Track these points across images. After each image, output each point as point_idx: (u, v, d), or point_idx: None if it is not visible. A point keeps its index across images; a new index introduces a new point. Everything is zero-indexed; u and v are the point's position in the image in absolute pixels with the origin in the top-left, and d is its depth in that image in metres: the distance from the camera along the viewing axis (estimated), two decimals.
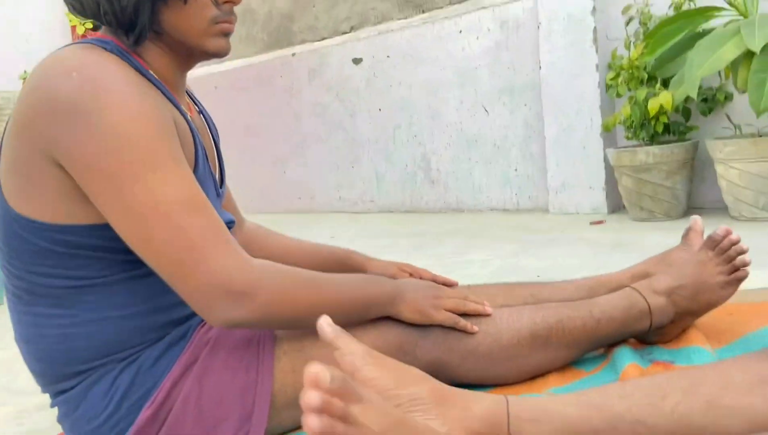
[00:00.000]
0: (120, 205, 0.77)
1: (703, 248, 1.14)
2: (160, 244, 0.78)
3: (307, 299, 0.86)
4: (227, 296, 0.79)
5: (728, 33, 2.00)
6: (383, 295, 0.95)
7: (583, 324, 1.06)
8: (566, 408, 0.74)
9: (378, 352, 0.75)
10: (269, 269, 0.84)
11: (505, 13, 2.99)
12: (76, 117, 0.76)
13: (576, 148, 2.75)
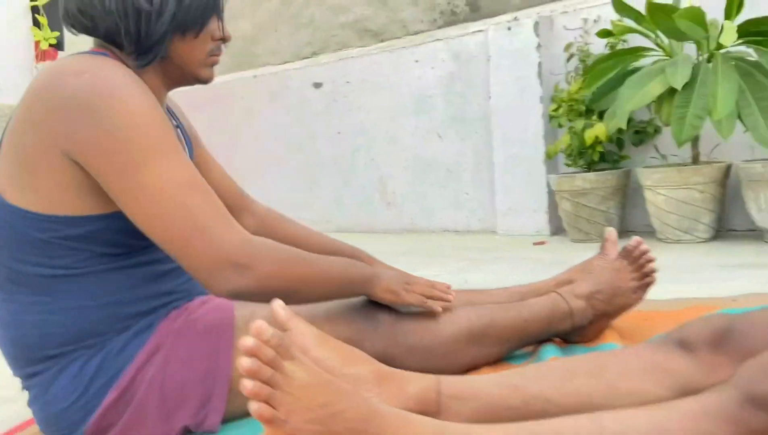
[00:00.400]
0: (132, 188, 0.86)
1: (619, 257, 1.29)
2: (169, 222, 0.87)
3: (299, 273, 0.95)
4: (230, 267, 0.88)
5: (654, 71, 2.21)
6: (363, 277, 1.06)
7: (513, 323, 1.18)
8: (488, 387, 0.86)
9: (326, 334, 0.85)
10: (268, 244, 0.93)
11: (458, 45, 3.18)
12: (90, 112, 0.85)
13: (522, 174, 2.93)
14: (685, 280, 1.82)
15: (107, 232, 0.93)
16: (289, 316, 0.81)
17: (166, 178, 0.87)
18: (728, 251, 2.16)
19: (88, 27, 0.98)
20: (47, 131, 0.88)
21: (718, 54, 2.11)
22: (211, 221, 0.89)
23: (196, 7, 0.97)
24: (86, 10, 0.96)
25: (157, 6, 0.95)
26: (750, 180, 2.20)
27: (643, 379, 0.84)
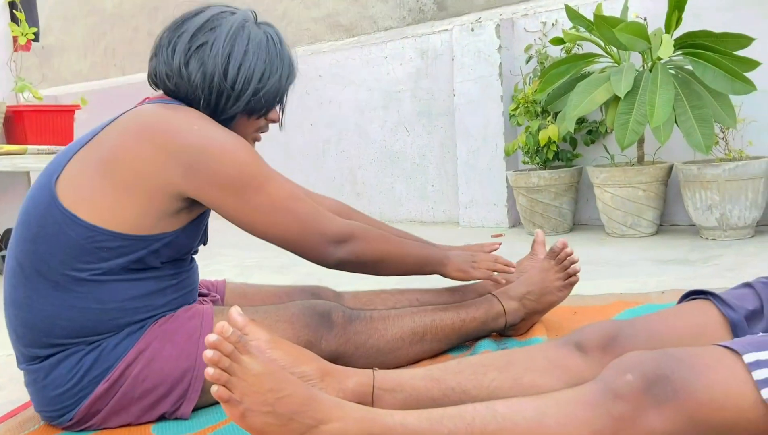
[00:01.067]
0: (251, 208, 1.10)
1: (546, 257, 1.45)
2: (283, 226, 1.13)
3: (385, 249, 1.22)
4: (333, 244, 1.16)
5: (601, 78, 2.37)
6: (436, 257, 1.32)
7: (452, 323, 1.34)
8: (414, 381, 1.01)
9: (279, 338, 1.00)
10: (359, 226, 1.21)
11: (425, 43, 3.30)
12: (208, 157, 1.07)
13: (483, 169, 3.08)
14: (622, 274, 2.01)
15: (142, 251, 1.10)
16: (246, 322, 0.96)
17: (275, 195, 1.12)
18: (666, 246, 2.35)
19: (171, 90, 1.16)
20: (161, 171, 1.06)
21: (659, 64, 2.28)
22: (313, 217, 1.14)
23: (267, 98, 1.17)
24: (172, 77, 1.15)
25: (237, 91, 1.14)
26: (687, 180, 2.39)
27: (544, 375, 1.00)
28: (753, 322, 1.00)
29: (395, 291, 1.49)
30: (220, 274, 2.50)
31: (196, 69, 1.12)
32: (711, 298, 1.04)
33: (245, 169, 1.09)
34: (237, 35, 1.13)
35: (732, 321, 1.00)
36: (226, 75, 1.12)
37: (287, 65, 1.19)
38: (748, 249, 2.19)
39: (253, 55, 1.14)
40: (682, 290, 1.71)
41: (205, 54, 1.12)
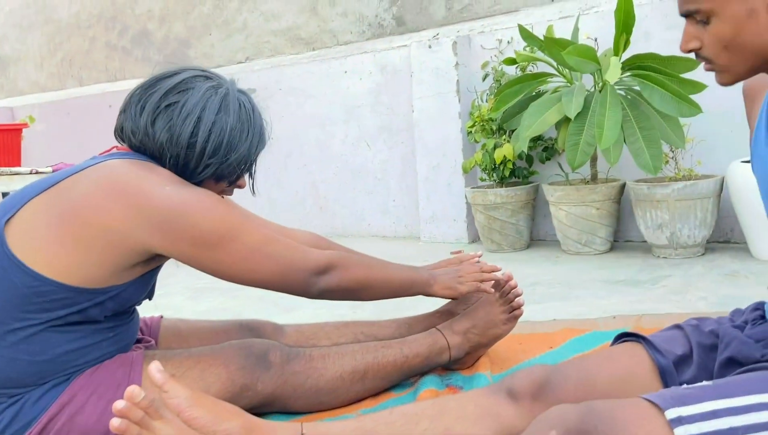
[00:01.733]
0: (228, 259, 1.10)
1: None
2: (266, 270, 1.12)
3: (367, 275, 1.22)
4: (315, 275, 1.16)
5: (553, 99, 2.39)
6: (420, 279, 1.32)
7: (395, 360, 1.33)
8: (346, 433, 1.00)
9: (201, 394, 0.98)
10: (337, 253, 1.20)
11: (384, 58, 3.30)
12: (180, 217, 1.05)
13: (443, 184, 3.09)
14: (572, 296, 2.03)
15: (87, 303, 1.07)
16: (165, 378, 0.93)
17: (250, 243, 1.11)
18: (618, 265, 2.39)
19: (136, 146, 1.13)
20: (131, 230, 1.04)
21: (609, 85, 2.31)
22: (291, 255, 1.15)
23: (236, 166, 1.16)
24: (137, 133, 1.12)
25: (206, 156, 1.12)
26: (639, 199, 2.42)
27: (476, 423, 1.00)
28: (682, 368, 1.02)
29: (339, 324, 1.48)
30: (171, 297, 2.47)
31: (162, 128, 1.11)
32: (642, 342, 1.05)
33: (218, 225, 1.08)
34: (209, 100, 1.11)
35: (661, 367, 1.01)
36: (195, 139, 1.11)
37: (258, 134, 1.18)
38: (697, 269, 2.23)
39: (224, 122, 1.12)
40: (630, 317, 1.73)
41: (174, 114, 1.11)
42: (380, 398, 1.34)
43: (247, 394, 1.19)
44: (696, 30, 0.90)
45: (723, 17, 0.86)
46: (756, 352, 0.95)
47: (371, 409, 1.28)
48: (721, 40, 0.87)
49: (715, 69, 0.92)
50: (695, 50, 0.91)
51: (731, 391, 0.81)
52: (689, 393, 0.82)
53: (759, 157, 0.98)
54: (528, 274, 2.30)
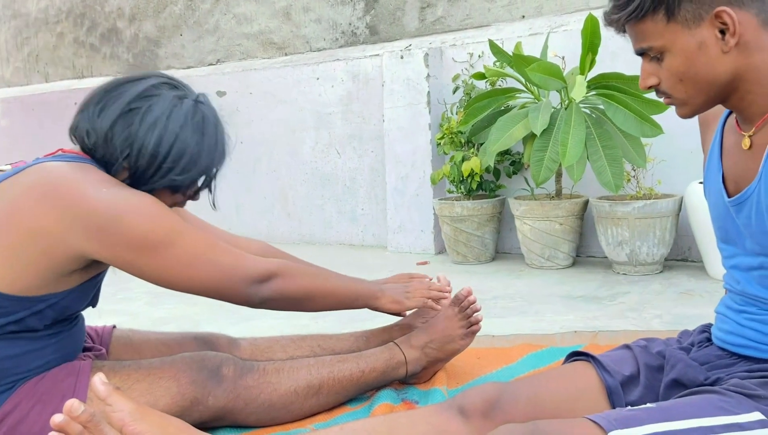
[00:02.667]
0: (166, 264, 1.07)
1: (450, 305, 1.45)
2: (205, 278, 1.09)
3: (311, 285, 1.20)
4: (256, 283, 1.12)
5: (520, 115, 2.42)
6: (369, 291, 1.31)
7: (351, 375, 1.33)
8: None
9: (146, 407, 0.96)
10: (281, 262, 1.17)
11: (356, 67, 3.30)
12: (116, 222, 1.02)
13: (411, 195, 3.10)
14: (532, 311, 2.05)
15: (23, 312, 1.04)
16: (109, 392, 0.91)
17: (190, 248, 1.08)
18: (579, 280, 2.42)
19: (88, 148, 1.10)
20: (65, 234, 1.00)
21: (574, 103, 2.35)
22: (232, 262, 1.12)
23: (194, 178, 1.14)
24: (92, 135, 1.09)
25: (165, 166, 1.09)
26: (600, 216, 2.46)
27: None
28: (629, 388, 1.04)
29: (296, 337, 1.46)
30: (130, 303, 2.42)
31: (122, 134, 1.08)
32: (592, 361, 1.07)
33: (157, 228, 1.06)
34: (174, 110, 1.09)
35: (608, 386, 1.03)
36: (157, 149, 1.08)
37: (221, 150, 1.16)
38: (654, 286, 2.27)
39: (188, 135, 1.10)
40: (586, 333, 1.76)
41: (135, 121, 1.08)
42: (335, 412, 1.33)
43: (198, 408, 1.17)
44: (652, 67, 0.93)
45: (675, 52, 0.89)
46: (700, 374, 0.97)
47: (325, 424, 1.27)
48: (676, 74, 0.90)
49: (674, 103, 0.94)
50: (654, 86, 0.94)
51: (674, 414, 0.83)
52: (633, 415, 0.83)
53: (710, 183, 1.01)
54: (491, 288, 2.32)
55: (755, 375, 0.91)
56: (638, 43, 0.92)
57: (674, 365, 1.01)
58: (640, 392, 1.02)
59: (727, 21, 0.86)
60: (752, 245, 0.94)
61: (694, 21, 0.87)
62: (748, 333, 0.95)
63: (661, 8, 0.88)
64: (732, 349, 0.97)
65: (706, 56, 0.88)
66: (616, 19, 0.92)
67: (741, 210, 0.93)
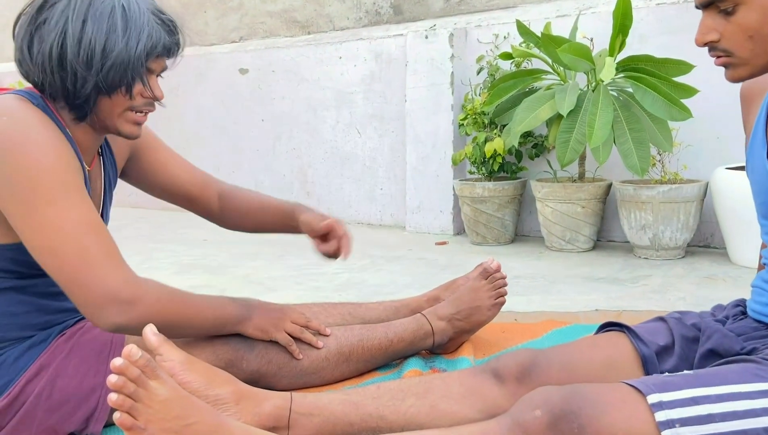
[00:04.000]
0: (35, 222, 0.97)
1: (478, 277, 1.46)
2: (62, 256, 0.97)
3: (177, 313, 1.08)
4: (114, 303, 0.99)
5: (546, 96, 2.41)
6: (235, 317, 1.20)
7: (380, 343, 1.34)
8: (333, 404, 1.01)
9: (194, 358, 0.98)
10: (151, 285, 1.04)
11: (380, 46, 3.29)
12: (4, 153, 0.96)
13: (431, 175, 3.10)
14: (555, 291, 2.05)
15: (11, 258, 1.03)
16: (160, 342, 0.93)
17: (65, 216, 0.98)
18: (600, 263, 2.42)
19: (25, 76, 1.06)
20: None
21: (602, 85, 2.33)
22: (100, 259, 0.99)
23: (118, 72, 1.02)
24: (23, 61, 1.05)
25: (81, 68, 1.01)
26: (624, 200, 2.46)
27: (460, 402, 1.02)
28: (663, 358, 1.04)
29: (327, 305, 1.48)
30: (155, 273, 2.45)
31: (37, 50, 1.02)
32: (626, 332, 1.08)
33: (42, 176, 0.96)
34: (74, 9, 1.02)
35: (643, 356, 1.03)
36: (64, 52, 1.01)
37: (137, 34, 1.03)
38: (676, 270, 2.27)
39: (92, 28, 1.01)
40: (610, 312, 1.77)
41: (44, 32, 1.02)
42: (365, 377, 1.35)
43: (232, 371, 1.19)
44: (715, 22, 0.89)
45: (753, 6, 0.86)
46: (736, 344, 0.98)
47: (356, 386, 1.29)
48: (747, 30, 0.87)
49: (732, 62, 0.91)
50: (713, 43, 0.91)
51: (711, 380, 0.84)
52: (670, 380, 0.84)
53: (754, 159, 1.00)
54: (512, 268, 2.33)
55: None
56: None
57: (710, 336, 1.01)
58: (675, 362, 1.03)
59: None
60: None
61: None
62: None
63: None
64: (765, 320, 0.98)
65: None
66: None
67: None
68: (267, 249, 2.87)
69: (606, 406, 0.80)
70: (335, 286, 2.20)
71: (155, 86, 1.10)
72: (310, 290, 2.14)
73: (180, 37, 1.12)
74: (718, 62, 0.93)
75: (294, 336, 1.25)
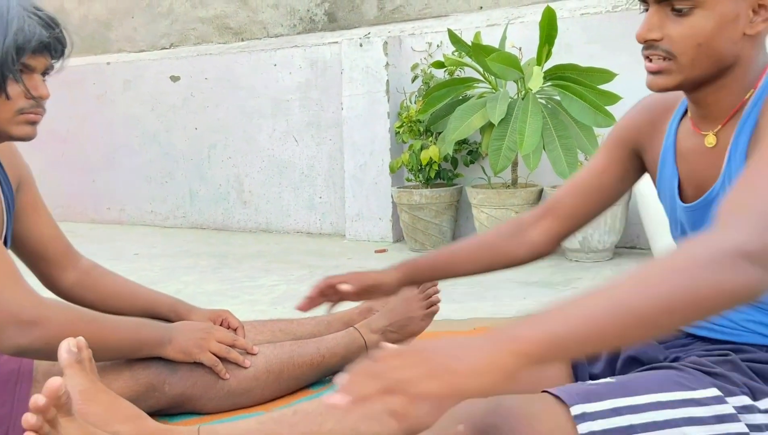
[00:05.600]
0: None
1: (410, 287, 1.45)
2: None
3: (86, 335, 0.99)
4: (14, 325, 0.93)
5: (478, 104, 2.45)
6: (155, 339, 1.14)
7: (311, 359, 1.32)
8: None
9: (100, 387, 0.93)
10: (57, 305, 1.00)
11: (315, 54, 3.27)
12: None
13: (369, 183, 3.10)
14: (489, 297, 2.08)
15: None
16: (70, 362, 0.88)
17: None
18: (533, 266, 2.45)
19: None
20: None
21: (530, 94, 2.39)
22: (3, 281, 0.94)
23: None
24: None
25: None
26: None
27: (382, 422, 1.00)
28: (592, 359, 1.06)
29: (256, 322, 1.45)
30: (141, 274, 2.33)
31: None
32: None
33: None
34: None
35: None
36: None
37: (3, 29, 0.98)
38: (605, 272, 2.35)
39: None
40: None
41: None
42: (296, 396, 1.32)
43: (154, 395, 1.15)
44: (661, 20, 0.82)
45: (712, 12, 0.80)
46: (660, 354, 0.99)
47: (286, 407, 1.26)
48: (698, 36, 0.81)
49: (668, 68, 0.83)
50: (655, 41, 0.83)
51: (633, 389, 0.84)
52: (594, 390, 0.85)
53: (665, 187, 0.98)
54: None
55: (712, 353, 0.92)
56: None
57: None
58: (602, 366, 1.05)
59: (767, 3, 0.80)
60: None
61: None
62: None
63: None
64: (687, 330, 0.98)
65: (732, 30, 0.81)
66: None
67: (706, 211, 0.90)
68: (202, 262, 2.79)
69: (529, 418, 0.80)
70: (272, 299, 2.16)
71: (37, 84, 1.03)
72: (246, 304, 2.09)
73: (61, 32, 1.05)
74: (652, 66, 0.85)
75: (220, 356, 1.20)
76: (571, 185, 1.13)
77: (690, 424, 0.79)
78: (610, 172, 1.07)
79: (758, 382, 0.87)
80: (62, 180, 3.98)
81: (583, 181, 1.11)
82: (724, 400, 0.82)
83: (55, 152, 3.99)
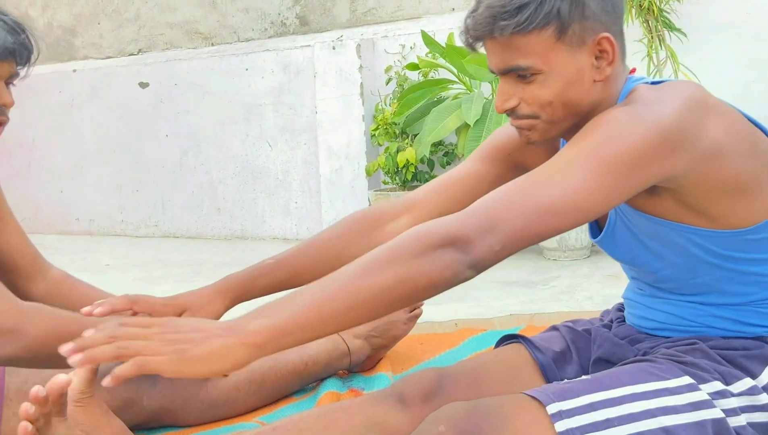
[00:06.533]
0: None
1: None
2: None
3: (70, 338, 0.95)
4: None
5: (453, 106, 2.45)
6: None
7: (294, 367, 1.29)
8: None
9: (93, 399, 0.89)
10: (39, 310, 0.95)
11: (287, 57, 3.24)
12: None
13: (346, 187, 3.08)
14: (470, 297, 2.08)
15: None
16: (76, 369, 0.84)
17: None
18: (513, 266, 2.48)
19: None
20: None
21: None
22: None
23: None
24: None
25: None
26: None
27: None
28: (562, 365, 1.06)
29: None
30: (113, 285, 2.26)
31: None
32: (523, 342, 1.09)
33: None
34: None
35: (541, 363, 1.05)
36: None
37: None
38: (583, 270, 2.36)
39: None
40: (523, 316, 1.80)
41: None
42: (280, 404, 1.29)
43: (132, 410, 1.11)
44: (513, 88, 0.85)
45: (554, 74, 0.83)
46: (629, 353, 0.99)
47: (270, 416, 1.24)
48: (548, 96, 0.83)
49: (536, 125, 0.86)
50: (514, 108, 0.87)
51: (608, 383, 0.85)
52: (569, 387, 0.85)
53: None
54: None
55: (680, 344, 0.93)
56: (514, 59, 0.83)
57: (601, 344, 1.03)
58: (575, 369, 1.05)
59: (608, 49, 0.84)
60: None
61: (577, 44, 0.83)
62: (660, 316, 0.97)
63: (552, 24, 0.81)
64: (649, 332, 0.99)
65: (580, 83, 0.84)
66: (501, 26, 0.81)
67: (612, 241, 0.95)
68: (176, 271, 2.73)
69: (508, 418, 0.81)
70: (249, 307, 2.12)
71: (1, 92, 0.99)
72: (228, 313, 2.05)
73: (27, 37, 1.01)
74: (521, 124, 0.88)
75: None
76: (438, 184, 1.12)
77: (666, 413, 0.80)
78: (487, 182, 1.05)
79: (727, 366, 0.88)
80: (29, 190, 3.88)
81: (454, 182, 1.10)
82: (698, 387, 0.84)
83: (22, 162, 3.88)
